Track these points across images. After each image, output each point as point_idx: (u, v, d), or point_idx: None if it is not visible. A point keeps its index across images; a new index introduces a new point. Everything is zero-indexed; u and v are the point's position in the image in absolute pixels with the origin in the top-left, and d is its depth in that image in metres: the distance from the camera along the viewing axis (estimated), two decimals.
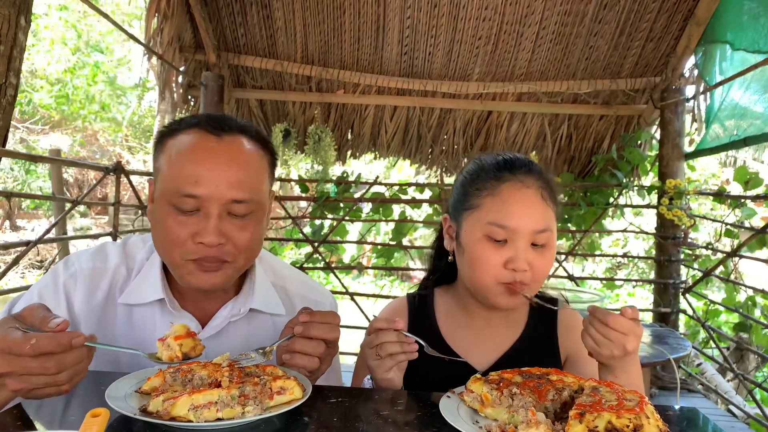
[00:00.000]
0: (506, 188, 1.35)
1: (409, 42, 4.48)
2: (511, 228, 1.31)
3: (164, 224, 1.23)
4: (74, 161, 4.44)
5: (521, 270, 1.30)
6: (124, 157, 13.78)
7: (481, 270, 1.34)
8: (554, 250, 1.38)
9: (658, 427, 0.89)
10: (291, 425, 1.01)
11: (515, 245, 1.31)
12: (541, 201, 1.34)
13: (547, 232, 1.32)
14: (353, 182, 4.71)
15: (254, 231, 1.27)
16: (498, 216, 1.33)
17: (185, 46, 4.56)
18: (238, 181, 1.22)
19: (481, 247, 1.34)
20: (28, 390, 0.98)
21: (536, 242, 1.32)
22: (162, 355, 1.12)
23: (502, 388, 1.04)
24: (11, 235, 12.14)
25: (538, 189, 1.34)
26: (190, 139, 1.24)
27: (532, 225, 1.31)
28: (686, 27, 4.21)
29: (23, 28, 2.47)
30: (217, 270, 1.25)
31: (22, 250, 2.97)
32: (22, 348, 0.95)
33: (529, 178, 1.35)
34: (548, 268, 1.37)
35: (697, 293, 4.40)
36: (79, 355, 1.00)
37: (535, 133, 5.01)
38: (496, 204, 1.34)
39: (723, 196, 4.12)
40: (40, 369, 0.96)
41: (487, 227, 1.33)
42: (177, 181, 1.21)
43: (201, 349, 1.14)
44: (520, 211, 1.32)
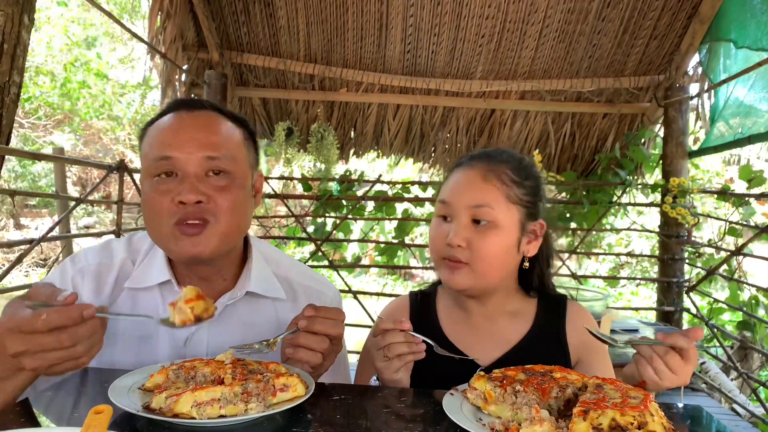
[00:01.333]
0: (455, 171, 1.45)
1: (412, 40, 4.47)
2: (448, 202, 1.39)
3: (148, 198, 1.26)
4: (78, 159, 4.45)
5: (454, 244, 1.34)
6: (127, 155, 13.80)
7: (431, 245, 1.42)
8: (507, 233, 1.36)
9: (662, 424, 0.89)
10: (294, 422, 1.01)
11: (455, 221, 1.37)
12: (481, 180, 1.37)
13: (485, 207, 1.34)
14: (356, 180, 4.70)
15: (235, 194, 1.29)
16: (442, 194, 1.43)
17: (188, 45, 4.56)
18: (210, 142, 1.27)
19: (432, 225, 1.43)
20: (45, 367, 0.97)
21: (476, 217, 1.35)
22: (175, 319, 1.11)
23: (506, 385, 1.04)
24: (15, 234, 12.18)
25: (482, 170, 1.39)
26: (165, 119, 1.32)
27: (466, 200, 1.36)
28: (690, 25, 4.19)
29: (26, 27, 2.47)
30: (200, 233, 1.24)
31: (26, 248, 2.97)
32: (33, 324, 0.93)
33: (479, 162, 1.42)
34: (491, 249, 1.35)
35: (701, 292, 4.38)
36: (92, 327, 0.99)
37: (539, 131, 5.00)
38: (445, 185, 1.45)
39: (727, 195, 4.11)
40: (55, 343, 0.95)
41: (437, 206, 1.44)
42: (153, 151, 1.27)
43: (213, 311, 1.15)
44: (457, 188, 1.39)
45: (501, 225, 1.35)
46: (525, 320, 1.48)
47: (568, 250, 4.71)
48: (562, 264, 4.63)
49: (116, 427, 0.86)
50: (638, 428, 0.86)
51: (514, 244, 1.38)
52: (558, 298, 1.53)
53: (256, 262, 1.44)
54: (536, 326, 1.47)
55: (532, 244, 1.42)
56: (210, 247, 1.26)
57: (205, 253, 1.26)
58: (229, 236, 1.30)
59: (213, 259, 1.31)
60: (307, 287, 1.51)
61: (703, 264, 4.36)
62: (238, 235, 1.36)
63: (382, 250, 4.85)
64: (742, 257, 4.01)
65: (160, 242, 1.30)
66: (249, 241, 1.48)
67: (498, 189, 1.36)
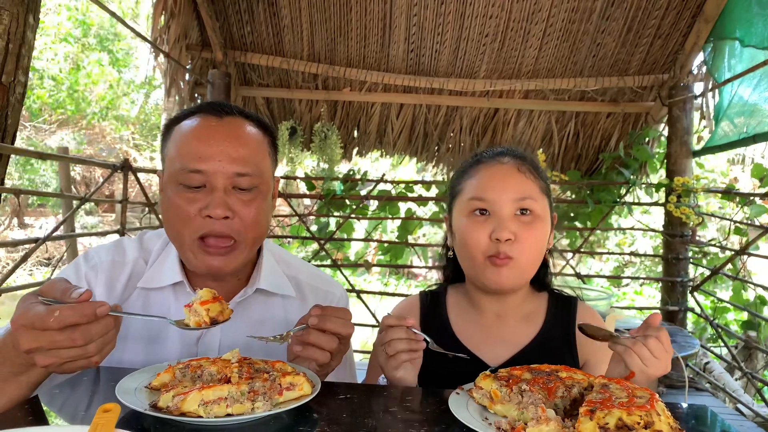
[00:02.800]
0: (482, 167, 1.41)
1: (416, 39, 4.47)
2: (490, 199, 1.35)
3: (174, 204, 1.27)
4: (82, 159, 4.46)
5: (504, 239, 1.31)
6: (131, 154, 13.83)
7: (469, 247, 1.36)
8: (545, 224, 1.37)
9: (669, 424, 0.89)
10: (300, 421, 1.01)
11: (498, 215, 1.34)
12: (517, 172, 1.37)
13: (528, 199, 1.34)
14: (359, 180, 4.71)
15: (260, 207, 1.31)
16: (477, 191, 1.38)
17: (192, 44, 4.57)
18: (240, 156, 1.27)
19: (467, 224, 1.37)
20: (57, 365, 0.96)
21: (522, 207, 1.34)
22: (189, 321, 1.11)
23: (512, 384, 1.04)
24: (19, 233, 12.22)
25: (514, 164, 1.38)
26: (193, 122, 1.30)
27: (510, 193, 1.34)
28: (695, 23, 4.18)
29: (31, 27, 2.48)
30: (228, 254, 1.27)
31: (31, 247, 2.98)
32: (46, 321, 0.93)
33: (503, 156, 1.41)
34: (537, 240, 1.35)
35: (705, 291, 4.38)
36: (106, 326, 0.98)
37: (542, 130, 5.00)
38: (474, 182, 1.40)
39: (732, 194, 4.10)
40: (67, 342, 0.94)
41: (470, 203, 1.38)
42: (183, 160, 1.26)
43: (229, 313, 1.15)
44: (496, 183, 1.36)
45: (541, 216, 1.36)
46: (535, 321, 1.47)
47: (572, 250, 4.70)
48: (566, 263, 4.62)
49: (124, 426, 0.86)
50: (645, 428, 0.86)
51: (547, 236, 1.40)
52: (568, 299, 1.52)
53: (266, 261, 1.46)
54: (546, 328, 1.46)
55: (551, 235, 1.44)
56: (235, 264, 1.29)
57: (227, 269, 1.29)
58: (251, 249, 1.34)
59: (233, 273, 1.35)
60: (315, 287, 1.53)
61: (708, 264, 4.35)
62: (258, 245, 1.39)
63: (385, 250, 4.85)
64: (747, 257, 4.00)
65: (181, 248, 1.32)
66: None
67: (533, 181, 1.38)
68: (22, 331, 0.94)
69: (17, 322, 0.95)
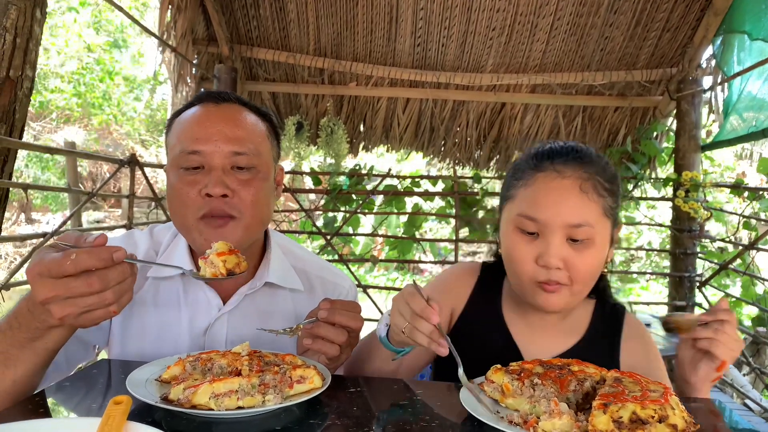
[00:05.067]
0: (540, 178, 1.26)
1: (422, 33, 4.45)
2: (541, 220, 1.22)
3: (175, 188, 1.29)
4: (89, 154, 4.47)
5: (552, 267, 1.20)
6: (137, 150, 13.87)
7: (514, 265, 1.27)
8: (601, 248, 1.24)
9: (683, 417, 0.88)
10: (311, 414, 1.01)
11: (546, 239, 1.22)
12: (578, 192, 1.22)
13: (584, 227, 1.20)
14: (366, 175, 4.70)
15: (258, 188, 1.32)
16: (528, 207, 1.25)
17: (198, 39, 4.56)
18: (236, 136, 1.29)
19: (513, 240, 1.27)
20: (75, 315, 0.94)
21: (573, 237, 1.21)
22: (206, 272, 1.11)
23: (524, 378, 1.03)
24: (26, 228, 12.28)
25: (577, 179, 1.23)
26: (193, 110, 1.34)
27: (564, 218, 1.20)
28: (704, 17, 4.14)
29: (39, 21, 2.48)
30: (225, 225, 1.27)
31: (39, 242, 2.99)
32: (63, 266, 0.91)
33: (567, 167, 1.24)
34: (591, 268, 1.24)
35: (713, 286, 4.35)
36: (122, 272, 0.96)
37: (549, 125, 4.97)
38: (528, 194, 1.26)
39: (740, 188, 4.07)
40: (85, 287, 0.92)
41: (518, 219, 1.26)
42: (181, 144, 1.29)
43: (245, 266, 1.15)
44: (551, 203, 1.22)
45: (597, 241, 1.23)
46: (580, 327, 1.40)
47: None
48: None
49: (135, 418, 0.86)
50: (659, 421, 0.85)
51: (605, 257, 1.28)
52: (615, 308, 1.44)
53: (274, 254, 1.46)
54: (590, 335, 1.39)
55: (612, 248, 1.33)
56: (234, 238, 1.28)
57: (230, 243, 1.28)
58: (252, 229, 1.33)
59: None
60: (323, 279, 1.53)
61: (717, 259, 4.32)
62: (261, 227, 1.39)
63: (392, 245, 4.85)
64: (756, 252, 3.97)
65: (185, 232, 1.33)
66: (268, 233, 1.51)
67: (596, 203, 1.23)
68: (38, 280, 0.92)
69: (33, 271, 0.93)
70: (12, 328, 1.02)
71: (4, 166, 2.45)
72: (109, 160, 4.04)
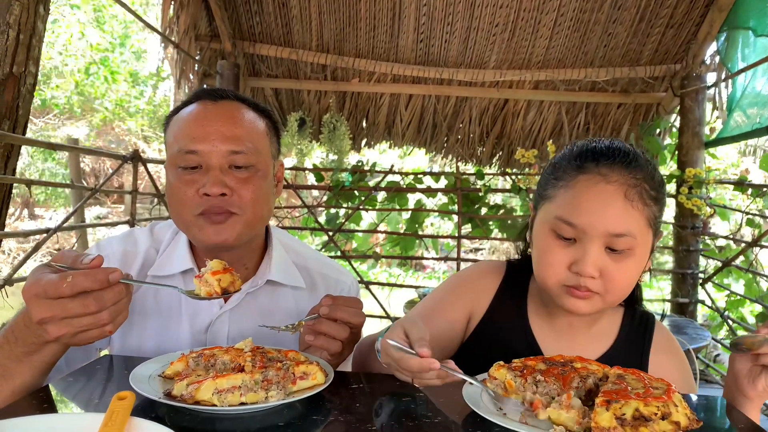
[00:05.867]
0: (582, 180, 1.17)
1: (425, 30, 4.44)
2: (580, 227, 1.14)
3: (173, 186, 1.29)
4: (92, 149, 4.48)
5: (587, 275, 1.13)
6: (139, 146, 13.87)
7: (544, 268, 1.20)
8: (641, 259, 1.16)
9: (686, 415, 0.88)
10: (314, 410, 1.01)
11: (584, 246, 1.14)
12: (622, 200, 1.12)
13: (626, 237, 1.12)
14: (368, 171, 4.70)
15: (258, 185, 1.31)
16: (567, 211, 1.16)
17: (201, 35, 4.56)
18: (234, 135, 1.28)
19: (548, 243, 1.19)
20: (71, 335, 0.95)
21: (613, 246, 1.13)
22: (200, 291, 1.11)
23: (526, 375, 1.03)
24: (29, 224, 12.30)
25: (622, 185, 1.13)
26: (190, 108, 1.33)
27: (605, 226, 1.12)
28: (708, 13, 4.13)
29: (42, 17, 2.48)
30: (225, 221, 1.27)
31: (42, 237, 3.00)
32: (59, 288, 0.91)
33: (613, 171, 1.15)
34: (628, 280, 1.16)
35: (716, 284, 4.35)
36: (119, 293, 0.97)
37: (552, 121, 4.96)
38: (568, 197, 1.18)
39: (744, 185, 4.06)
40: (81, 308, 0.93)
41: (555, 222, 1.17)
42: (179, 143, 1.28)
43: (239, 285, 1.14)
44: (592, 209, 1.13)
45: (637, 252, 1.15)
46: (608, 336, 1.34)
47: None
48: None
49: (138, 414, 0.86)
50: (662, 419, 0.85)
51: (643, 268, 1.20)
52: (645, 317, 1.38)
53: (276, 251, 1.45)
54: (618, 345, 1.33)
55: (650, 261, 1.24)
56: (234, 234, 1.28)
57: (229, 240, 1.28)
58: (252, 225, 1.32)
59: (236, 247, 1.33)
60: (325, 276, 1.52)
61: (720, 256, 4.32)
62: (261, 224, 1.38)
63: (394, 241, 4.85)
64: (759, 249, 3.96)
65: (185, 229, 1.33)
66: (270, 230, 1.50)
67: (640, 212, 1.14)
68: (34, 300, 0.93)
69: (29, 292, 0.94)
70: (9, 342, 1.03)
71: (7, 162, 2.46)
72: (112, 156, 4.04)
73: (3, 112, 2.37)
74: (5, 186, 2.45)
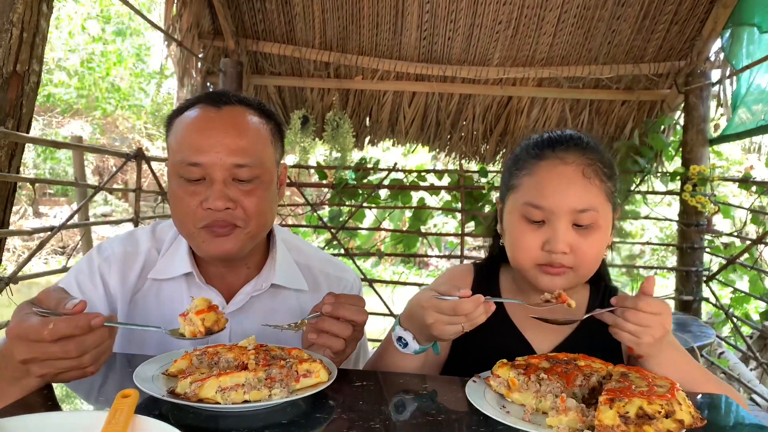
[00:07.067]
0: (543, 166, 1.28)
1: (429, 27, 4.43)
2: (547, 208, 1.24)
3: (176, 196, 1.28)
4: (96, 148, 4.49)
5: (559, 251, 1.23)
6: (143, 144, 13.89)
7: (519, 251, 1.29)
8: (604, 231, 1.27)
9: (690, 413, 0.88)
10: (317, 408, 1.02)
11: (553, 226, 1.24)
12: (581, 178, 1.24)
13: (589, 211, 1.23)
14: (371, 168, 4.70)
15: (261, 197, 1.30)
16: (534, 196, 1.26)
17: (204, 33, 4.56)
18: (238, 147, 1.26)
19: (519, 228, 1.29)
20: (53, 375, 0.97)
21: (578, 222, 1.23)
22: (185, 330, 1.11)
23: (530, 373, 1.03)
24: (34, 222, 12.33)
25: (579, 165, 1.25)
26: (192, 113, 1.30)
27: (569, 204, 1.22)
28: (712, 9, 4.11)
29: (45, 15, 2.49)
30: (229, 234, 1.27)
31: (46, 235, 3.01)
32: (40, 333, 0.93)
33: (569, 154, 1.27)
34: (595, 251, 1.27)
35: (721, 281, 4.33)
36: (100, 336, 0.98)
37: (556, 118, 4.94)
38: (532, 183, 1.28)
39: (749, 182, 4.04)
40: (61, 353, 0.94)
41: (524, 208, 1.27)
42: (182, 153, 1.26)
43: (224, 323, 1.13)
44: (556, 190, 1.24)
45: (601, 225, 1.26)
46: (579, 311, 1.39)
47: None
48: None
49: (142, 411, 0.87)
50: (666, 417, 0.85)
51: (608, 241, 1.31)
52: (609, 290, 1.46)
53: (279, 251, 1.45)
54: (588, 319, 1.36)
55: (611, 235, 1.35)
56: (237, 246, 1.29)
57: (233, 252, 1.29)
58: (255, 236, 1.33)
59: (240, 256, 1.34)
60: (327, 274, 1.52)
61: (725, 253, 4.30)
62: (264, 232, 1.38)
63: (398, 239, 4.84)
64: (764, 246, 3.95)
65: (188, 238, 1.33)
66: (272, 229, 1.49)
67: (599, 188, 1.25)
68: (17, 342, 0.95)
69: (12, 333, 0.96)
70: None
71: (11, 160, 2.46)
72: (116, 154, 4.05)
73: (7, 110, 2.38)
74: (9, 184, 2.46)
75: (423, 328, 1.17)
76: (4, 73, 2.34)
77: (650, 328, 1.09)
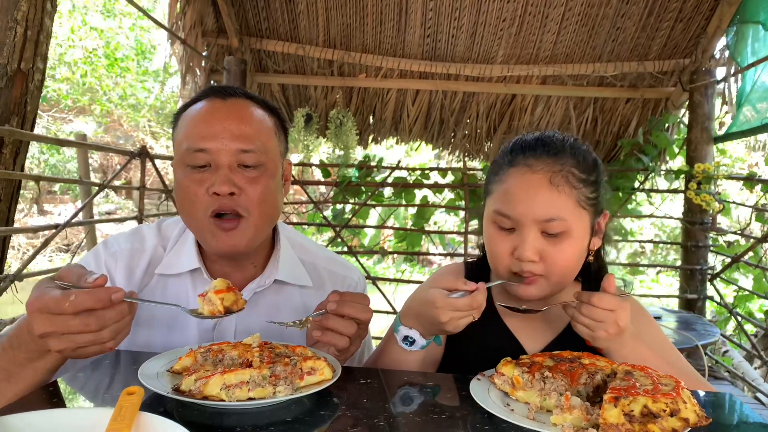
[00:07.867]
0: (512, 173, 1.27)
1: (432, 24, 4.43)
2: (514, 217, 1.23)
3: (183, 186, 1.29)
4: (100, 145, 4.50)
5: (527, 260, 1.22)
6: (147, 142, 13.92)
7: (492, 257, 1.30)
8: (579, 239, 1.25)
9: (695, 411, 0.88)
10: (321, 405, 1.02)
11: (521, 234, 1.23)
12: (547, 186, 1.21)
13: (557, 221, 1.20)
14: (375, 167, 4.69)
15: (266, 185, 1.31)
16: (502, 203, 1.26)
17: (208, 31, 4.56)
18: (243, 133, 1.28)
19: (491, 234, 1.29)
20: (71, 350, 0.96)
21: (547, 231, 1.21)
22: (203, 309, 1.12)
23: (534, 371, 1.03)
24: (38, 219, 12.38)
25: (547, 173, 1.22)
26: (199, 106, 1.32)
27: (534, 213, 1.21)
28: (717, 7, 4.10)
29: (49, 13, 2.49)
30: (235, 228, 1.27)
31: (51, 233, 3.02)
32: (61, 305, 0.93)
33: (538, 161, 1.24)
34: (567, 260, 1.24)
35: (725, 279, 4.32)
36: (121, 312, 0.98)
37: (560, 116, 4.94)
38: (502, 190, 1.28)
39: (754, 180, 4.03)
40: (82, 326, 0.94)
41: (494, 215, 1.27)
42: (188, 141, 1.28)
43: (243, 303, 1.15)
44: (521, 199, 1.23)
45: (573, 232, 1.23)
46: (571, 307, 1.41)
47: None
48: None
49: (147, 409, 0.87)
50: (671, 415, 0.85)
51: (585, 247, 1.29)
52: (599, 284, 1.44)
53: (284, 249, 1.45)
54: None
55: (598, 236, 1.33)
56: (245, 240, 1.29)
57: (241, 246, 1.29)
58: (261, 227, 1.33)
59: (247, 252, 1.34)
60: (332, 272, 1.53)
61: (728, 251, 4.29)
62: (270, 224, 1.38)
63: (401, 237, 4.85)
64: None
65: (196, 230, 1.33)
66: (276, 226, 1.50)
67: (567, 195, 1.22)
68: (37, 315, 0.94)
69: (32, 306, 0.95)
70: (12, 347, 1.04)
71: (16, 158, 2.47)
72: (120, 152, 4.06)
73: (11, 108, 2.39)
74: (14, 182, 2.47)
75: (434, 325, 1.19)
76: (9, 71, 2.35)
77: (604, 323, 1.13)
